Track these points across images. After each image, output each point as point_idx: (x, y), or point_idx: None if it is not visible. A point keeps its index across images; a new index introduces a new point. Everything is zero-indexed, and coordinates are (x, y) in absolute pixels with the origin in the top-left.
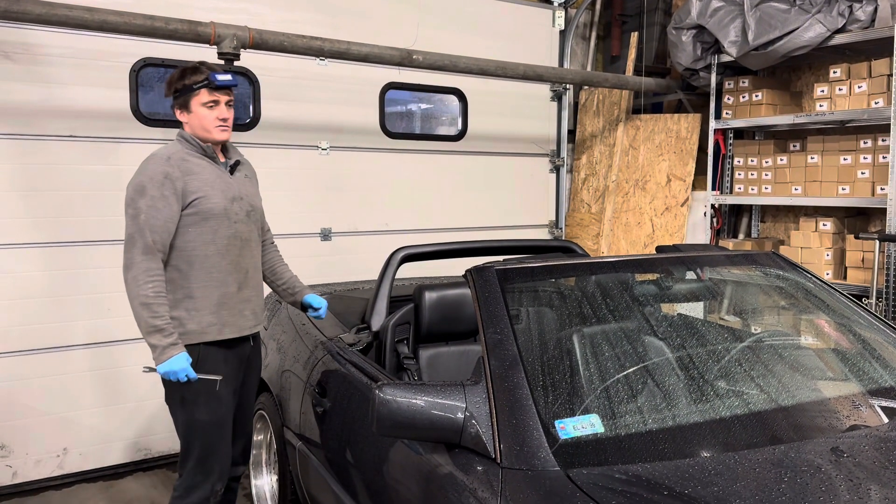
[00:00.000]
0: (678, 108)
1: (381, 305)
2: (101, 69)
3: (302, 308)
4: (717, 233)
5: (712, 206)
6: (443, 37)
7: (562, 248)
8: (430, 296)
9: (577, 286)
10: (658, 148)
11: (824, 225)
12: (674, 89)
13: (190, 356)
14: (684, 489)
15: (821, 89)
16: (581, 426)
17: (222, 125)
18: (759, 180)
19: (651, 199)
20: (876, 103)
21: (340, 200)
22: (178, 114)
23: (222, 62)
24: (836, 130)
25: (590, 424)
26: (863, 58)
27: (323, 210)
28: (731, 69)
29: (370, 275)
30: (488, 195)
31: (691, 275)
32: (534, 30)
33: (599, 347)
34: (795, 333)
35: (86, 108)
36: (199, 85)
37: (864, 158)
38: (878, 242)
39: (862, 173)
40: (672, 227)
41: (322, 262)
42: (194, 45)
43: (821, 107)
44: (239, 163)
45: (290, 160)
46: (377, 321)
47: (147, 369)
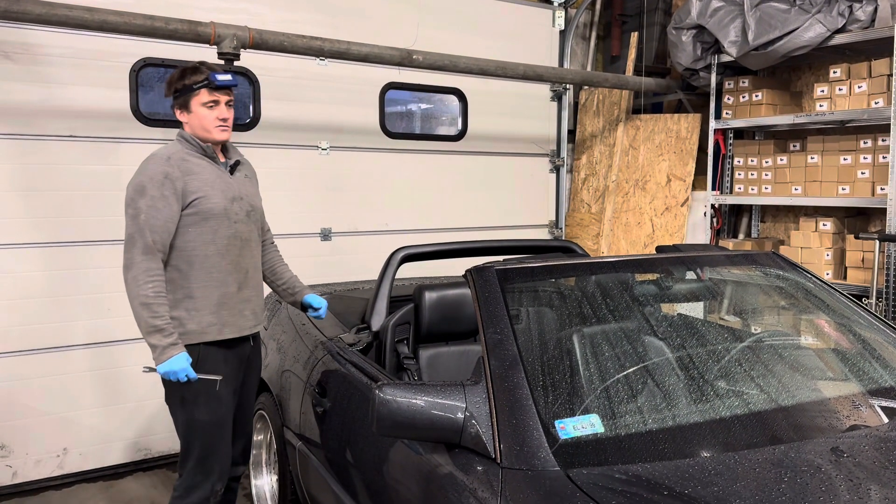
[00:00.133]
0: (678, 108)
1: (381, 305)
2: (101, 69)
3: (302, 308)
4: (717, 233)
5: (712, 206)
6: (443, 37)
7: (562, 248)
8: (430, 296)
9: (577, 286)
10: (658, 148)
11: (824, 225)
12: (674, 89)
13: (190, 356)
14: (684, 489)
15: (821, 89)
16: (581, 426)
17: (222, 125)
18: (759, 180)
19: (651, 199)
20: (876, 103)
21: (340, 200)
22: (178, 114)
23: (222, 62)
24: (836, 130)
25: (590, 424)
26: (863, 58)
27: (323, 210)
28: (731, 69)
29: (370, 275)
30: (488, 195)
31: (691, 275)
32: (534, 30)
33: (599, 347)
34: (795, 333)
35: (86, 108)
36: (199, 85)
37: (864, 158)
38: (878, 242)
39: (862, 173)
40: (672, 227)
41: (322, 262)
42: (194, 45)
43: (821, 107)
44: (239, 163)
45: (290, 160)
46: (377, 321)
47: (147, 369)
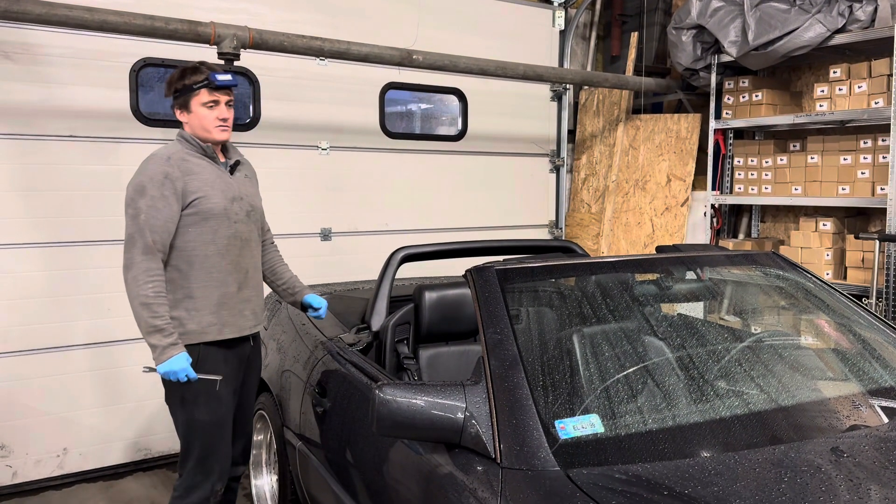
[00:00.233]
0: (678, 108)
1: (381, 305)
2: (101, 69)
3: (302, 308)
4: (717, 233)
5: (712, 206)
6: (443, 37)
7: (562, 248)
8: (430, 296)
9: (577, 286)
10: (658, 148)
11: (824, 225)
12: (674, 89)
13: (190, 356)
14: (684, 489)
15: (821, 89)
16: (581, 426)
17: (222, 125)
18: (759, 180)
19: (651, 199)
20: (876, 103)
21: (340, 200)
22: (178, 114)
23: (222, 62)
24: (836, 130)
25: (590, 424)
26: (863, 58)
27: (323, 210)
28: (731, 69)
29: (370, 275)
30: (488, 195)
31: (691, 275)
32: (534, 30)
33: (599, 347)
34: (795, 333)
35: (86, 108)
36: (199, 85)
37: (864, 158)
38: (878, 242)
39: (862, 173)
40: (672, 227)
41: (322, 262)
42: (194, 45)
43: (821, 107)
44: (239, 163)
45: (290, 160)
46: (377, 321)
47: (147, 369)
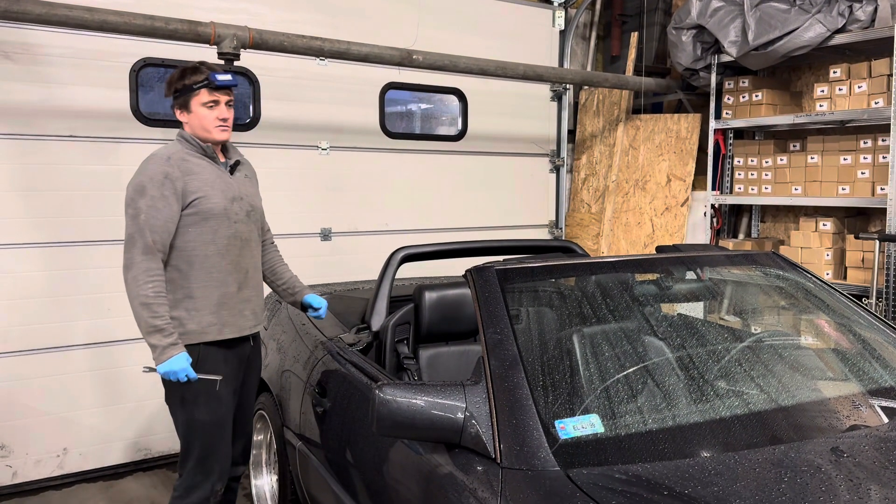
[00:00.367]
0: (678, 108)
1: (381, 305)
2: (101, 69)
3: (302, 308)
4: (717, 233)
5: (712, 206)
6: (443, 37)
7: (562, 248)
8: (430, 296)
9: (577, 286)
10: (658, 148)
11: (824, 225)
12: (674, 89)
13: (190, 356)
14: (684, 489)
15: (821, 89)
16: (581, 426)
17: (222, 125)
18: (759, 180)
19: (651, 199)
20: (876, 103)
21: (340, 200)
22: (178, 114)
23: (222, 62)
24: (836, 130)
25: (590, 424)
26: (863, 58)
27: (323, 210)
28: (731, 69)
29: (370, 275)
30: (488, 195)
31: (691, 275)
32: (534, 30)
33: (599, 347)
34: (795, 333)
35: (86, 108)
36: (199, 85)
37: (864, 158)
38: (878, 242)
39: (862, 173)
40: (672, 227)
41: (322, 262)
42: (194, 45)
43: (821, 107)
44: (239, 163)
45: (290, 160)
46: (377, 321)
47: (147, 369)
